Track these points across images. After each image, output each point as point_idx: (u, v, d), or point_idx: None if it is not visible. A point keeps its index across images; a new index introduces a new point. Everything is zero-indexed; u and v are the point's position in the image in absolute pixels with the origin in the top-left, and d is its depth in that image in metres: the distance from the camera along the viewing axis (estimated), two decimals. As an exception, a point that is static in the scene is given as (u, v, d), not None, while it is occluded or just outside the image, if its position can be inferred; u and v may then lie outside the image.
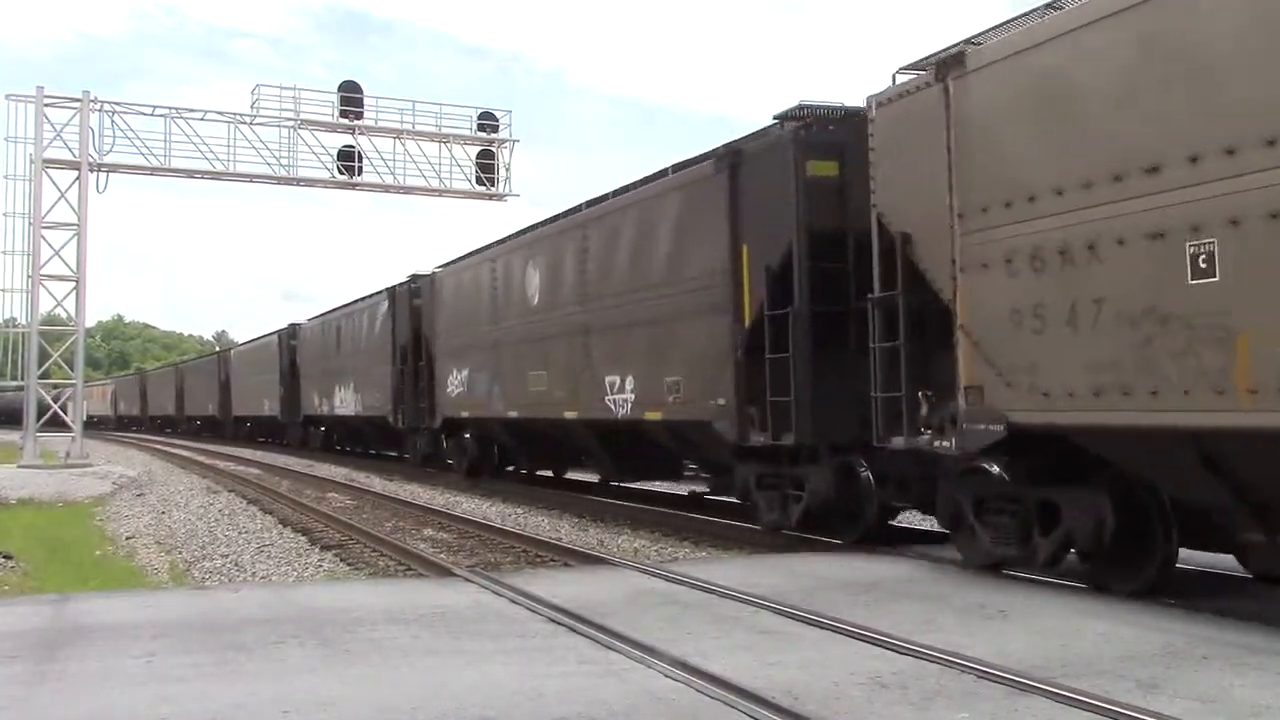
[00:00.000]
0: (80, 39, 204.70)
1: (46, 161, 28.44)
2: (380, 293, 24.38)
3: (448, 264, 19.97)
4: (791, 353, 9.90)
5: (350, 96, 31.27)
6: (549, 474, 19.51)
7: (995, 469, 7.93)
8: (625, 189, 13.64)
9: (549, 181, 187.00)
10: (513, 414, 16.51)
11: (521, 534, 12.58)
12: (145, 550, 13.16)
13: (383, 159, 31.70)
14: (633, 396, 12.77)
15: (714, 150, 11.55)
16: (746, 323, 10.59)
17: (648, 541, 12.06)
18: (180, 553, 12.71)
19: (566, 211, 15.30)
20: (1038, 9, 7.76)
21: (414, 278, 21.93)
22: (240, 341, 44.87)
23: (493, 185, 32.91)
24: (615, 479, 16.16)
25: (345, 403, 27.38)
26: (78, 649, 6.12)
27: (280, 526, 14.89)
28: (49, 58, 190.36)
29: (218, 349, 66.18)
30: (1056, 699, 4.78)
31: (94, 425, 73.62)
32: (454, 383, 19.01)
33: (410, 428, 22.16)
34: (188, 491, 21.00)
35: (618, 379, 13.08)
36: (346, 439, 32.74)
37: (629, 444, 14.39)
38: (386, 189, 32.50)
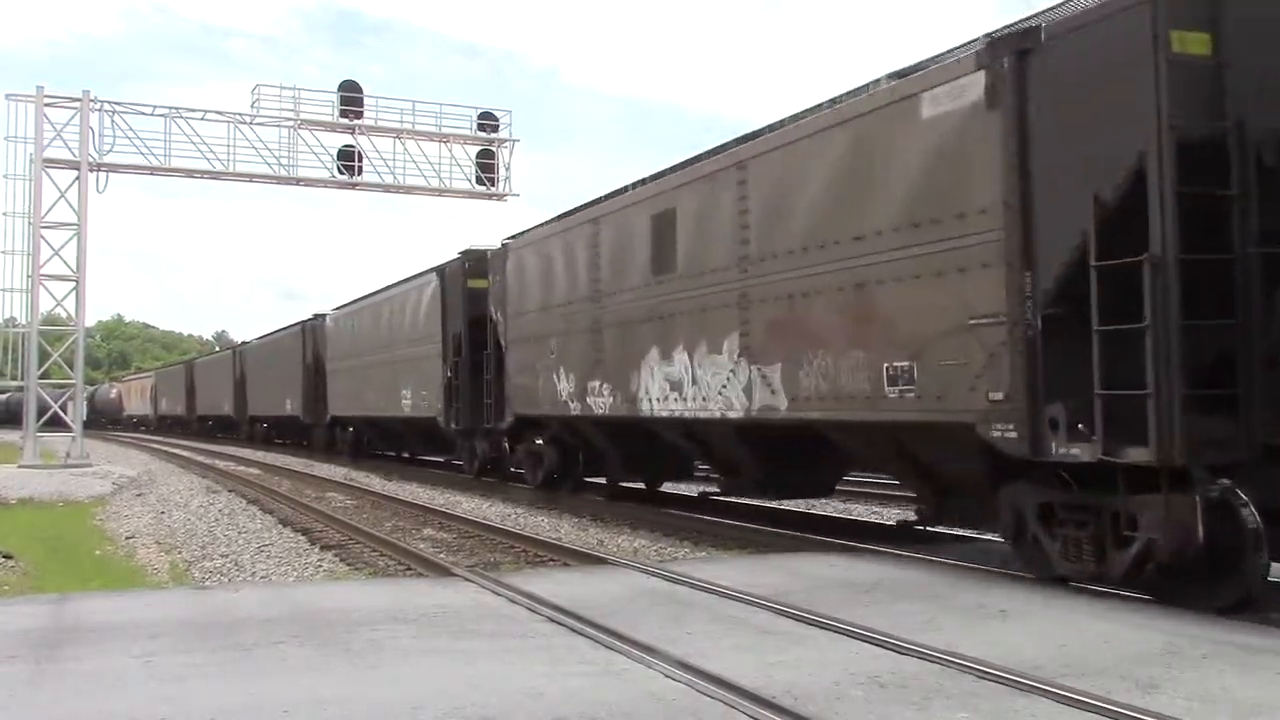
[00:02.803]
0: (75, 39, 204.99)
1: (46, 161, 28.42)
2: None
3: None
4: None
5: (350, 96, 31.24)
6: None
7: None
8: None
9: (542, 180, 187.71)
10: None
11: (521, 534, 12.57)
12: (145, 550, 13.15)
13: (383, 159, 31.67)
14: None
15: None
16: None
17: (648, 541, 12.05)
18: (180, 552, 12.71)
19: None
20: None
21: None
22: (335, 313, 29.34)
23: (493, 185, 32.88)
24: None
25: (610, 393, 13.36)
26: (77, 649, 6.11)
27: (280, 526, 14.89)
28: (44, 59, 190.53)
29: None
30: (1057, 699, 4.77)
31: (134, 427, 67.04)
32: None
33: None
34: (188, 491, 20.99)
35: None
36: (602, 460, 15.63)
37: None
38: (386, 189, 32.47)
